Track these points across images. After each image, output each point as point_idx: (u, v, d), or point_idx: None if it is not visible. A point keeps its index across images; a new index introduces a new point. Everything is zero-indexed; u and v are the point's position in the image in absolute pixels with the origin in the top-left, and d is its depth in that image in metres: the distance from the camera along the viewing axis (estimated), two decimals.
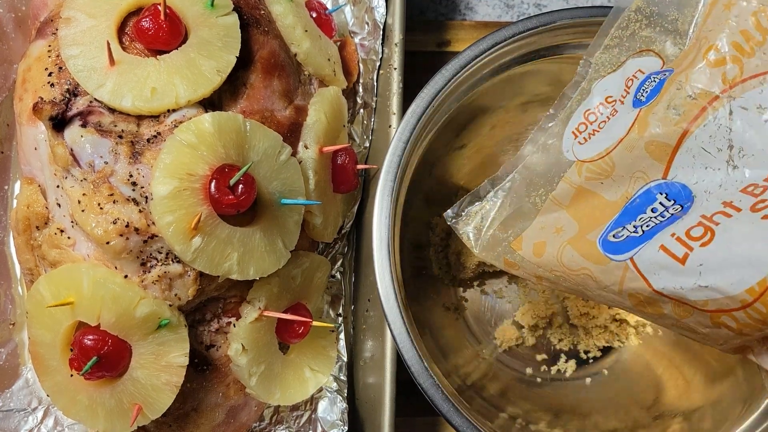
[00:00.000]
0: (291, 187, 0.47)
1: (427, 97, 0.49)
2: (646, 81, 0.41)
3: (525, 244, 0.43)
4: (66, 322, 0.43)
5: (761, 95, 0.35)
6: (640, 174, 0.38)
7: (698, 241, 0.34)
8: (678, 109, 0.37)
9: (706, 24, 0.38)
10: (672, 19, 0.42)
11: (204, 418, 0.49)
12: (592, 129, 0.43)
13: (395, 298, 0.46)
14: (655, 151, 0.37)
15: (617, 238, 0.38)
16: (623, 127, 0.39)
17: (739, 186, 0.35)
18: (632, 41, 0.43)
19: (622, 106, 0.41)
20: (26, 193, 0.47)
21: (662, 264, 0.35)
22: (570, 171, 0.42)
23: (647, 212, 0.37)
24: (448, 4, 0.69)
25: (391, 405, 0.51)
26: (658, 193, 0.37)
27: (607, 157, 0.40)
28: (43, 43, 0.48)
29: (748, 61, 0.35)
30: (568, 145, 0.44)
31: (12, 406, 0.53)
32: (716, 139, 0.35)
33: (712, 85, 0.36)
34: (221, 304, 0.48)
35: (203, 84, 0.45)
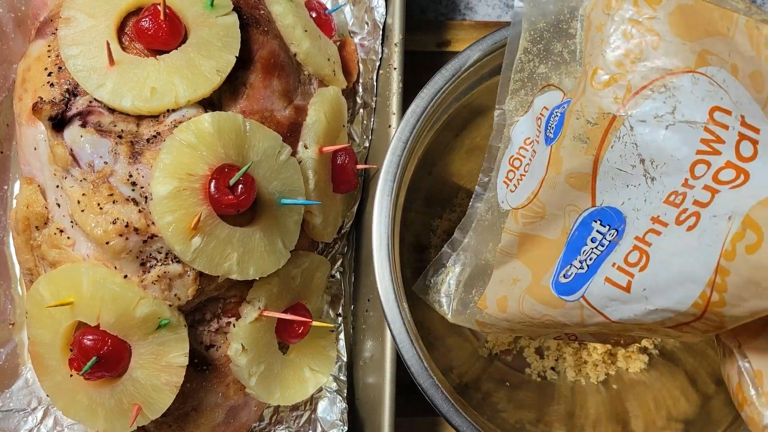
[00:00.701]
0: (291, 187, 0.47)
1: (427, 97, 0.49)
2: (551, 117, 0.41)
3: (489, 301, 0.43)
4: (66, 322, 0.43)
5: (654, 104, 0.35)
6: (572, 207, 0.38)
7: (636, 266, 0.34)
8: (583, 138, 0.37)
9: (587, 49, 0.38)
10: (558, 51, 0.43)
11: (204, 418, 0.49)
12: (519, 174, 0.43)
13: (395, 298, 0.46)
14: (577, 183, 0.37)
15: (567, 277, 0.38)
16: (542, 167, 0.40)
17: (662, 197, 0.35)
18: (532, 80, 0.44)
19: (538, 146, 0.42)
20: (26, 193, 0.47)
21: (611, 296, 0.35)
22: (508, 221, 0.42)
23: (588, 243, 0.37)
24: (448, 4, 0.69)
25: (391, 405, 0.51)
26: (593, 221, 0.37)
27: (536, 199, 0.40)
28: (43, 42, 0.47)
29: (633, 76, 0.35)
30: (502, 195, 0.44)
31: (12, 406, 0.53)
32: (627, 157, 0.35)
33: (606, 106, 0.36)
34: (221, 304, 0.48)
35: (203, 84, 0.45)
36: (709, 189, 0.33)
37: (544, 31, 0.43)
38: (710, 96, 0.34)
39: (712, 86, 0.34)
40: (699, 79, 0.34)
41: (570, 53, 0.42)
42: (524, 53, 0.44)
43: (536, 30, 0.43)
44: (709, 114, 0.34)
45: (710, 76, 0.34)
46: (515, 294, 0.41)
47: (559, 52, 0.43)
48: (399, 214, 0.50)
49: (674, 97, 0.35)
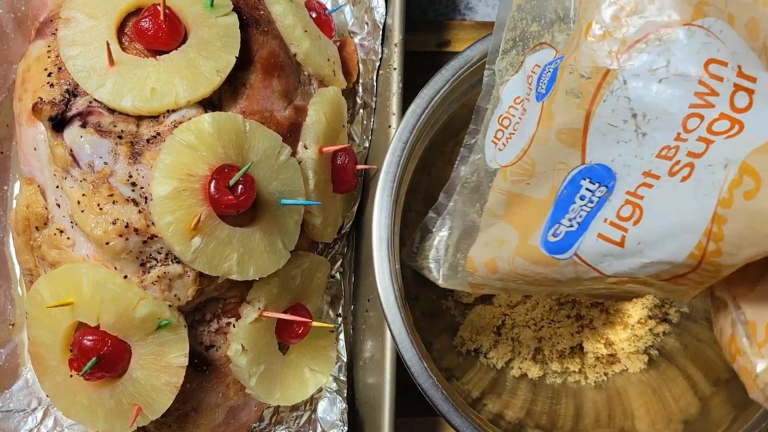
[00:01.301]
0: (291, 188, 0.47)
1: (427, 97, 0.49)
2: (543, 73, 0.41)
3: (476, 263, 0.43)
4: (65, 322, 0.43)
5: (649, 58, 0.35)
6: (561, 165, 0.38)
7: (629, 220, 0.34)
8: (575, 92, 0.37)
9: (582, 4, 0.38)
10: (552, 8, 0.42)
11: (204, 419, 0.49)
12: (509, 133, 0.43)
13: (395, 298, 0.46)
14: (567, 139, 0.37)
15: (556, 236, 0.37)
16: (532, 123, 0.39)
17: (653, 152, 0.34)
18: (524, 39, 0.44)
19: (528, 104, 0.41)
20: (26, 194, 0.47)
21: (605, 251, 0.35)
22: (497, 179, 0.42)
23: (576, 201, 0.37)
24: (448, 4, 0.69)
25: (391, 405, 0.51)
26: (581, 179, 0.37)
27: (525, 156, 0.40)
28: (43, 43, 0.47)
29: (627, 30, 0.35)
30: (490, 154, 0.44)
31: (12, 406, 0.53)
32: (619, 111, 0.35)
33: (600, 60, 0.36)
34: (221, 304, 0.48)
35: (203, 84, 0.45)
36: (703, 140, 0.33)
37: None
38: (706, 48, 0.34)
39: (708, 38, 0.34)
40: (695, 32, 0.34)
41: (564, 9, 0.42)
42: (518, 10, 0.44)
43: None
44: (703, 67, 0.34)
45: (707, 27, 0.34)
46: (504, 255, 0.40)
47: (553, 9, 0.42)
48: (399, 214, 0.50)
49: (669, 51, 0.34)
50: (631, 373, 0.59)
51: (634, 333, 0.58)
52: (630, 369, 0.59)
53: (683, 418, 0.53)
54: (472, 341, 0.59)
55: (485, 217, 0.43)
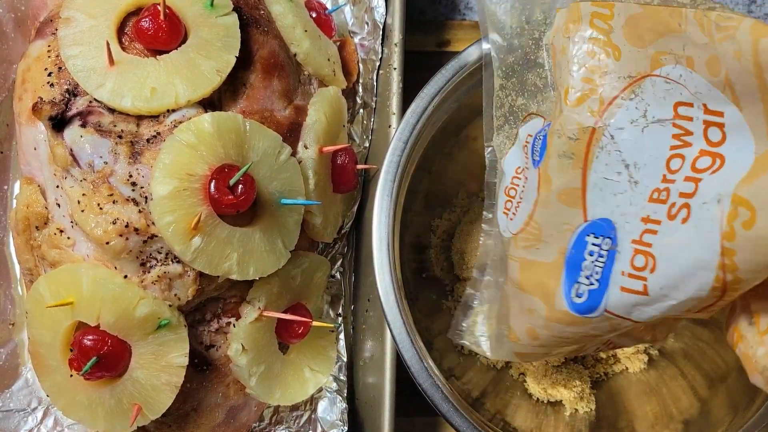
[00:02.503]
0: (291, 187, 0.47)
1: (427, 97, 0.49)
2: (535, 141, 0.43)
3: (518, 333, 0.44)
4: (66, 322, 0.43)
5: (627, 112, 0.37)
6: (566, 225, 0.39)
7: (645, 269, 0.35)
8: (567, 154, 0.38)
9: (556, 73, 0.40)
10: (531, 81, 0.45)
11: (204, 418, 0.49)
12: (516, 203, 0.44)
13: (395, 298, 0.46)
14: (568, 199, 0.39)
15: (580, 296, 0.38)
16: (534, 190, 0.41)
17: (645, 197, 0.36)
18: (513, 113, 0.46)
19: (528, 172, 0.43)
20: (26, 193, 0.47)
21: (632, 302, 0.36)
22: (510, 248, 0.43)
23: (587, 258, 0.38)
24: (448, 4, 0.69)
25: (391, 405, 0.51)
26: (586, 236, 0.38)
27: (532, 221, 0.41)
28: (43, 43, 0.47)
29: (603, 89, 0.37)
30: (503, 225, 0.46)
31: (12, 406, 0.53)
32: (612, 164, 0.37)
33: (584, 121, 0.38)
34: (221, 304, 0.48)
35: (203, 84, 0.45)
36: (690, 179, 0.34)
37: (515, 65, 0.45)
38: (669, 94, 0.36)
39: (668, 84, 0.36)
40: (655, 81, 0.37)
41: (542, 80, 0.44)
42: (501, 89, 0.46)
43: (507, 65, 0.46)
44: (673, 110, 0.36)
45: (665, 75, 0.37)
46: (539, 323, 0.41)
47: (532, 82, 0.45)
48: (399, 214, 0.50)
49: (643, 101, 0.37)
50: (631, 373, 0.59)
51: None
52: (630, 369, 0.59)
53: (683, 418, 0.53)
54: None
55: (509, 287, 0.44)
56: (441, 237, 0.62)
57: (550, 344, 0.42)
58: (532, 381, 0.58)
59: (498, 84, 0.46)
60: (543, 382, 0.58)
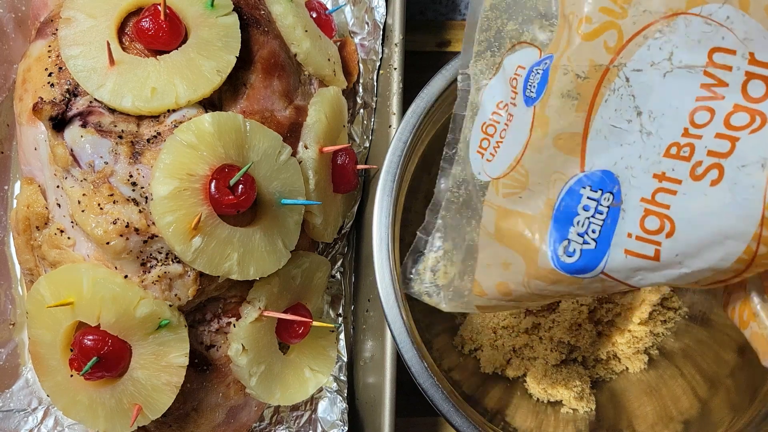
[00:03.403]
0: (291, 187, 0.47)
1: (427, 97, 0.49)
2: (530, 75, 0.38)
3: (485, 287, 0.40)
4: (66, 322, 0.44)
5: (649, 51, 0.33)
6: (558, 175, 0.35)
7: (661, 233, 0.32)
8: (572, 94, 0.34)
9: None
10: (531, 5, 0.39)
11: (204, 418, 0.49)
12: (495, 142, 0.40)
13: (395, 298, 0.46)
14: (566, 145, 0.35)
15: (570, 256, 0.35)
16: (524, 130, 0.37)
17: (659, 151, 0.32)
18: (500, 39, 0.41)
19: (515, 108, 0.39)
20: (26, 193, 0.47)
21: (637, 267, 0.33)
22: (489, 193, 0.39)
23: (580, 213, 0.34)
24: (448, 4, 0.69)
25: (391, 405, 0.51)
26: (581, 188, 0.34)
27: (519, 165, 0.37)
28: (43, 43, 0.48)
29: (624, 23, 0.33)
30: (477, 166, 0.41)
31: (12, 406, 0.53)
32: (622, 110, 0.33)
33: (597, 58, 0.33)
34: (221, 304, 0.48)
35: (203, 84, 0.45)
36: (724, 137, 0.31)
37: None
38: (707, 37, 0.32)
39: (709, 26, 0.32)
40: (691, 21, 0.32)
41: (545, 4, 0.38)
42: (491, 9, 0.41)
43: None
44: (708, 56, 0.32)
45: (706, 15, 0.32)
46: (516, 278, 0.37)
47: (532, 6, 0.39)
48: (399, 214, 0.50)
49: (670, 42, 0.32)
50: (631, 373, 0.59)
51: (634, 335, 0.58)
52: (630, 369, 0.59)
53: (683, 418, 0.53)
54: (472, 341, 0.59)
55: (482, 236, 0.40)
56: None
57: (523, 299, 0.38)
58: (532, 381, 0.58)
59: (489, 2, 0.41)
60: (543, 382, 0.58)
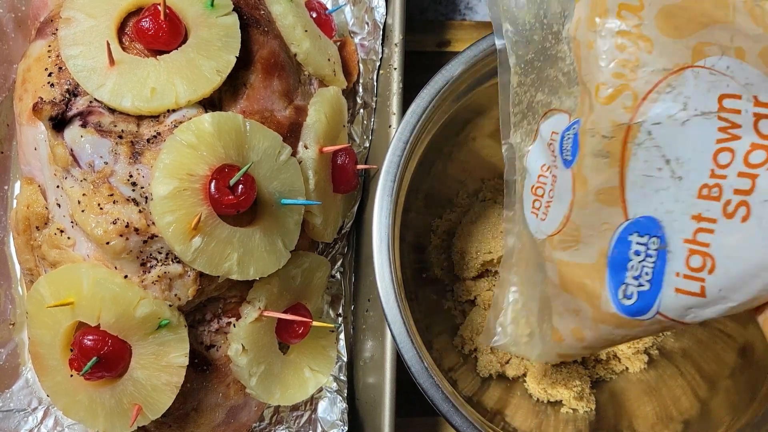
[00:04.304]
0: (291, 187, 0.47)
1: (427, 97, 0.49)
2: (563, 140, 0.41)
3: (563, 333, 0.42)
4: (66, 322, 0.44)
5: (665, 105, 0.35)
6: (606, 225, 0.38)
7: (703, 270, 0.34)
8: (603, 153, 0.37)
9: (582, 68, 0.39)
10: (552, 77, 0.43)
11: (204, 418, 0.49)
12: (546, 202, 0.43)
13: (395, 298, 0.46)
14: (607, 199, 0.37)
15: (629, 298, 0.37)
16: (568, 189, 0.40)
17: (692, 193, 0.35)
18: (532, 110, 0.44)
19: (558, 171, 0.42)
20: (26, 193, 0.47)
21: (687, 305, 0.36)
22: (546, 249, 0.42)
23: (632, 258, 0.37)
24: (448, 4, 0.69)
25: (391, 405, 0.51)
26: (629, 235, 0.37)
27: (569, 222, 0.40)
28: (43, 43, 0.48)
29: (636, 83, 0.36)
30: (534, 226, 0.44)
31: (12, 406, 0.53)
32: (652, 161, 0.36)
33: (618, 118, 0.36)
34: (221, 304, 0.48)
35: (203, 84, 0.45)
36: (745, 175, 0.34)
37: (534, 61, 0.44)
38: (714, 86, 0.35)
39: (713, 76, 0.35)
40: (699, 73, 0.35)
41: (565, 75, 0.42)
42: (519, 86, 0.45)
43: (526, 62, 0.44)
44: (718, 102, 0.35)
45: (710, 66, 0.35)
46: (586, 323, 0.40)
47: (554, 77, 0.43)
48: (399, 214, 0.50)
49: (682, 94, 0.35)
50: (631, 373, 0.59)
51: None
52: (630, 369, 0.59)
53: (683, 418, 0.53)
54: (472, 341, 0.59)
55: (550, 288, 0.43)
56: (441, 237, 0.62)
57: (596, 345, 0.41)
58: (532, 381, 0.58)
59: (515, 81, 0.45)
60: (543, 382, 0.58)
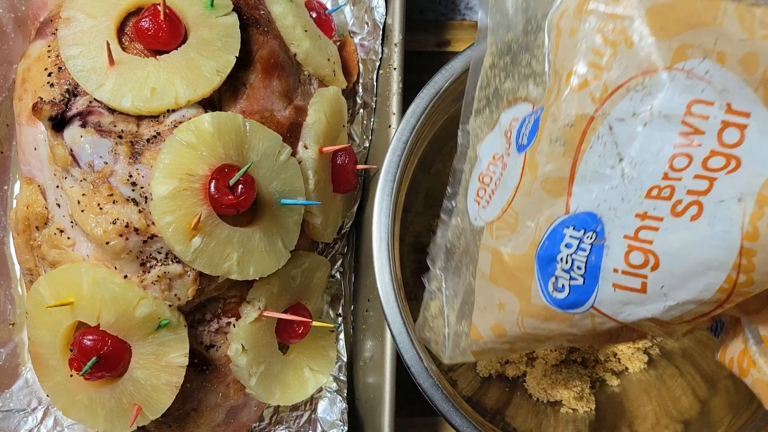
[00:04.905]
0: (291, 187, 0.47)
1: (427, 97, 0.49)
2: (523, 124, 0.40)
3: (481, 330, 0.41)
4: (66, 322, 0.43)
5: (631, 102, 0.35)
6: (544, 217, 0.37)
7: (645, 267, 0.34)
8: (560, 140, 0.36)
9: (558, 56, 0.38)
10: (525, 63, 0.42)
11: (204, 418, 0.49)
12: (491, 190, 0.42)
13: (395, 298, 0.46)
14: (553, 188, 0.37)
15: (561, 291, 0.37)
16: (516, 175, 0.39)
17: (640, 193, 0.34)
18: (497, 97, 0.43)
19: (509, 158, 0.41)
20: (26, 193, 0.47)
21: (625, 300, 0.35)
22: (484, 237, 0.41)
23: (562, 250, 0.36)
24: (448, 4, 0.69)
25: (391, 405, 0.51)
26: (564, 228, 0.36)
27: (510, 208, 0.39)
28: (43, 43, 0.48)
29: (608, 75, 0.35)
30: (474, 213, 0.43)
31: (12, 406, 0.53)
32: (605, 157, 0.35)
33: (583, 108, 0.36)
34: (221, 304, 0.48)
35: (203, 84, 0.45)
36: (702, 177, 0.33)
37: (512, 43, 0.42)
38: (687, 90, 0.34)
39: (690, 80, 0.34)
40: (675, 76, 0.35)
41: (539, 64, 0.41)
42: (490, 68, 0.44)
43: (503, 42, 0.43)
44: (686, 107, 0.34)
45: (689, 69, 0.34)
46: (510, 318, 0.40)
47: (527, 63, 0.41)
48: (399, 214, 0.50)
49: (651, 95, 0.35)
50: (631, 373, 0.59)
51: None
52: (630, 369, 0.59)
53: (683, 418, 0.53)
54: None
55: (478, 280, 0.42)
56: None
57: (516, 341, 0.40)
58: (532, 381, 0.58)
59: (489, 62, 0.43)
60: (543, 382, 0.58)
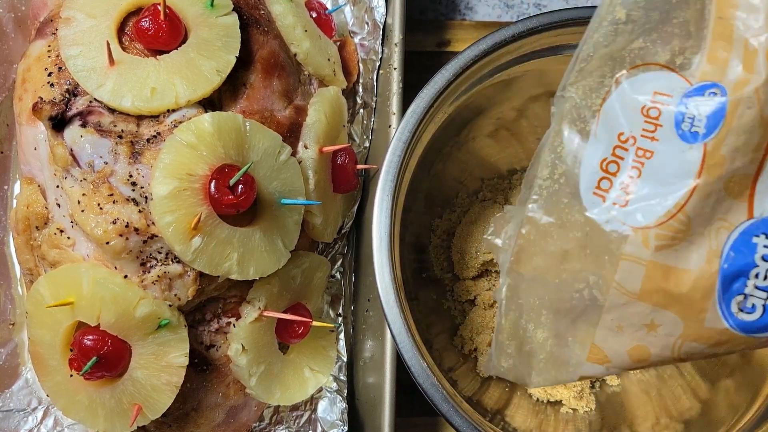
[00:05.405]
0: (291, 187, 0.47)
1: (427, 97, 0.49)
2: (689, 106, 0.32)
3: (609, 352, 0.35)
4: (66, 322, 0.43)
5: None
6: (721, 223, 0.31)
7: None
8: (755, 131, 0.30)
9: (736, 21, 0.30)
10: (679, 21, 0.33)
11: (204, 418, 0.49)
12: (625, 183, 0.34)
13: (395, 298, 0.46)
14: (735, 188, 0.31)
15: (749, 312, 0.31)
16: (687, 171, 0.32)
17: None
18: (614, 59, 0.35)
19: (657, 144, 0.33)
20: (26, 193, 0.47)
21: None
22: (630, 245, 0.33)
23: (759, 264, 0.31)
24: (448, 4, 0.69)
25: (391, 405, 0.51)
26: (754, 237, 0.31)
27: (680, 213, 0.32)
28: (43, 43, 0.48)
29: None
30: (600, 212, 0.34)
31: (12, 406, 0.53)
32: None
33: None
34: (221, 304, 0.48)
35: (203, 84, 0.45)
36: None
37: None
38: None
39: None
40: None
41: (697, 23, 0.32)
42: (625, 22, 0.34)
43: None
44: None
45: None
46: (664, 342, 0.34)
47: (681, 23, 0.33)
48: (399, 214, 0.50)
49: None
50: (631, 373, 0.59)
51: None
52: None
53: (683, 418, 0.53)
54: (472, 341, 0.59)
55: (614, 296, 0.34)
56: (441, 237, 0.62)
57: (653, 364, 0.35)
58: None
59: (623, 12, 0.34)
60: None
